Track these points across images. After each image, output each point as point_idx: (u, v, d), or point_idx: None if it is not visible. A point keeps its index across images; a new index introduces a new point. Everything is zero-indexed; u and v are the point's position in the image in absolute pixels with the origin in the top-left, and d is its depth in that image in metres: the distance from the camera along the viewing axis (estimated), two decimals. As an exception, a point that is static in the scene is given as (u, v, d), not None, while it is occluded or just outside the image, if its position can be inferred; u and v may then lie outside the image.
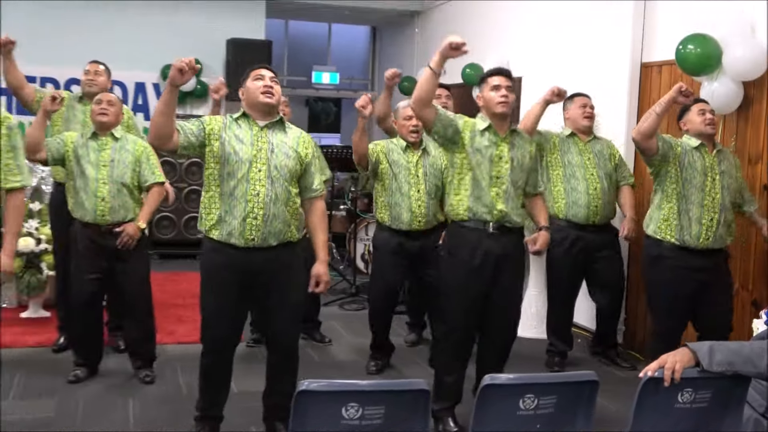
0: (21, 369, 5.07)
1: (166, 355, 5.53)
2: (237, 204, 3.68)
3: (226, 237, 3.72)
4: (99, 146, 4.77)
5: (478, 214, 4.12)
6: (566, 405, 2.55)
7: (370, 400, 2.33)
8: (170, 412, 4.51)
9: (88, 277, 4.81)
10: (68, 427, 4.26)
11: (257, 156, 3.68)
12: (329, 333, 6.14)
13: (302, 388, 2.30)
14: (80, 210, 4.76)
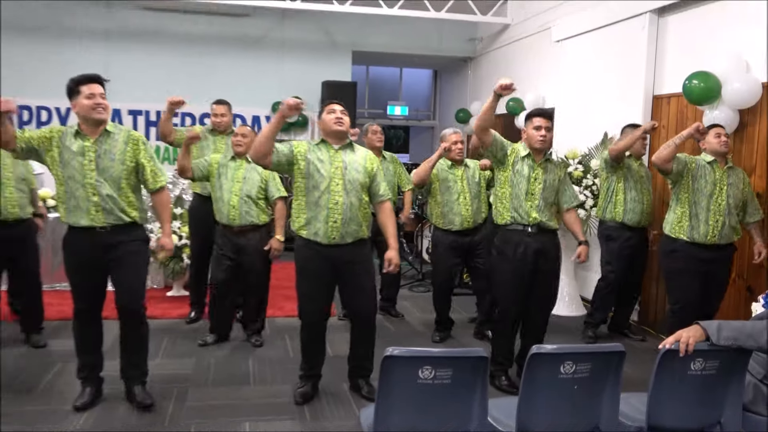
0: (167, 335, 5.17)
1: (277, 325, 5.57)
2: (321, 211, 3.76)
3: (313, 236, 3.80)
4: (235, 167, 4.87)
5: (518, 219, 4.13)
6: (599, 370, 2.49)
7: (441, 363, 2.31)
8: (281, 370, 4.54)
9: (224, 265, 4.89)
10: (203, 380, 4.33)
11: (335, 173, 3.76)
12: (402, 310, 6.11)
13: (387, 354, 2.28)
14: (218, 215, 4.87)
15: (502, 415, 2.55)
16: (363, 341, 4.07)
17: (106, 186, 3.57)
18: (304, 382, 4.06)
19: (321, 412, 3.86)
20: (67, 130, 3.60)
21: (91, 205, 3.56)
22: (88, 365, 3.86)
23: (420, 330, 5.62)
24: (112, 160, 3.59)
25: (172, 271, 6.30)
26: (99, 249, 3.63)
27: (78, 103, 3.53)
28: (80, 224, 3.59)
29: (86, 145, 3.55)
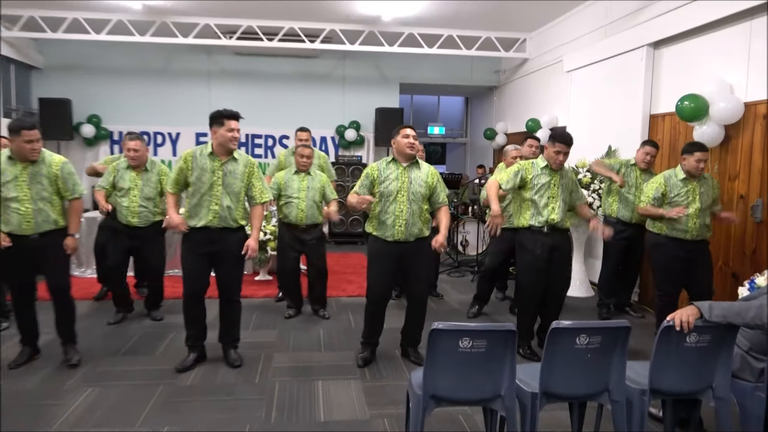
0: (256, 311, 5.22)
1: (341, 303, 5.58)
2: (389, 217, 3.79)
3: (383, 236, 3.83)
4: (300, 179, 4.90)
5: (536, 223, 4.07)
6: (608, 342, 2.42)
7: (478, 335, 2.29)
8: (344, 338, 4.55)
9: (291, 254, 4.93)
10: (284, 346, 4.36)
11: (401, 187, 3.79)
12: (441, 291, 6.05)
13: (433, 327, 2.26)
14: (289, 216, 4.89)
15: (527, 378, 2.50)
16: (416, 317, 4.05)
17: (227, 198, 3.68)
18: (364, 348, 4.06)
19: (378, 374, 3.85)
20: (201, 151, 3.68)
21: (211, 213, 3.67)
22: (193, 336, 3.95)
23: (457, 308, 5.56)
24: (234, 178, 3.70)
25: (259, 261, 6.39)
26: (209, 245, 3.72)
27: (219, 132, 3.61)
28: (199, 225, 3.69)
29: (216, 165, 3.66)
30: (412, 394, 2.49)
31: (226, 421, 3.13)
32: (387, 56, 9.24)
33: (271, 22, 7.99)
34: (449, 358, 2.30)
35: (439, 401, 2.40)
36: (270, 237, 6.23)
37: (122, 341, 4.38)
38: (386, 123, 9.28)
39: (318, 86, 9.74)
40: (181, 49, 8.98)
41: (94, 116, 9.17)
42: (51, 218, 3.71)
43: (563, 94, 7.40)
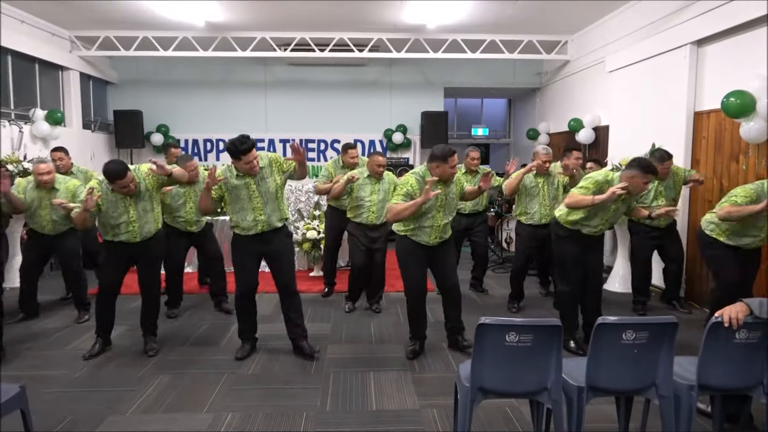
0: (311, 305, 5.28)
1: (391, 298, 5.57)
2: (426, 220, 3.80)
3: (418, 239, 3.85)
4: (371, 182, 4.92)
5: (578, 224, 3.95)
6: (655, 337, 2.32)
7: (524, 330, 2.24)
8: (394, 332, 4.53)
9: (362, 248, 4.96)
10: (338, 339, 4.39)
11: (440, 204, 3.83)
12: (486, 287, 5.95)
13: (481, 322, 2.23)
14: (359, 217, 4.92)
15: (573, 372, 2.42)
16: (453, 305, 4.05)
17: (269, 205, 3.75)
18: (413, 341, 4.05)
19: (426, 366, 3.82)
20: (230, 174, 3.71)
21: (258, 222, 3.75)
22: (245, 330, 4.04)
23: (501, 303, 5.46)
24: (266, 181, 3.75)
25: (313, 258, 6.46)
26: (260, 246, 3.81)
27: (238, 165, 3.64)
28: (249, 234, 3.77)
29: (248, 179, 3.72)
30: (460, 386, 2.46)
31: (285, 408, 3.17)
32: (432, 62, 9.20)
33: (323, 33, 8.07)
34: (496, 351, 2.26)
35: (487, 393, 2.36)
36: (323, 236, 6.29)
37: (189, 332, 4.52)
38: (432, 126, 9.23)
39: (366, 92, 9.77)
40: (240, 62, 9.19)
41: (162, 126, 9.50)
42: (153, 229, 3.92)
43: (605, 94, 7.17)
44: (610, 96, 7.01)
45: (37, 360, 3.93)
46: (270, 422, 3.02)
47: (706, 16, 5.11)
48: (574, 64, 8.30)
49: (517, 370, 2.31)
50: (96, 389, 3.44)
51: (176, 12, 7.07)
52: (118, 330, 4.21)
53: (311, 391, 3.40)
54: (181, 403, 3.25)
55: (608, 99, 7.06)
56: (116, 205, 3.77)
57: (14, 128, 6.84)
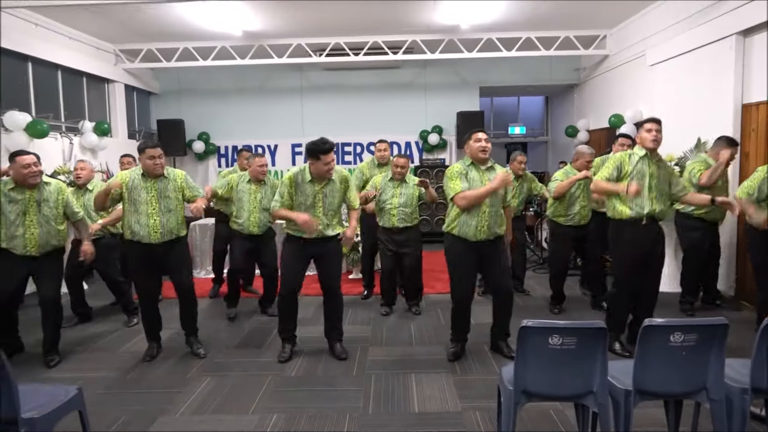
0: (351, 307, 5.32)
1: (430, 300, 5.58)
2: (471, 218, 3.75)
3: (464, 236, 3.78)
4: (393, 185, 4.95)
5: (636, 214, 3.81)
6: (705, 339, 2.26)
7: (568, 333, 2.21)
8: (434, 334, 4.54)
9: (388, 253, 4.99)
10: (378, 342, 4.42)
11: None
12: (527, 288, 5.89)
13: (523, 324, 2.21)
14: (383, 221, 4.98)
15: (619, 375, 2.39)
16: (504, 311, 3.97)
17: (328, 216, 3.85)
18: (454, 343, 4.03)
19: (468, 368, 3.81)
20: (302, 177, 3.81)
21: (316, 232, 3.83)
22: (286, 329, 4.11)
23: (542, 304, 5.40)
24: (333, 197, 3.86)
25: (353, 260, 6.53)
26: (310, 249, 3.89)
27: (317, 165, 3.73)
28: (304, 237, 3.85)
29: (317, 189, 3.82)
30: (503, 389, 2.45)
31: (328, 410, 3.22)
32: (466, 62, 9.15)
33: (357, 37, 8.14)
34: (539, 354, 2.24)
35: (531, 396, 2.35)
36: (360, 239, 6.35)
37: (234, 335, 4.63)
38: (467, 126, 9.14)
39: (401, 94, 9.80)
40: (276, 69, 9.35)
41: (203, 134, 9.75)
42: (174, 230, 3.97)
43: (647, 88, 7.00)
44: (651, 90, 6.83)
45: (91, 362, 4.09)
46: (314, 423, 3.07)
47: (752, 4, 4.93)
48: (613, 58, 8.12)
49: (561, 373, 2.28)
50: (147, 390, 3.56)
51: (215, 22, 7.26)
52: (165, 333, 4.35)
53: (353, 393, 3.44)
54: (228, 404, 3.34)
55: (650, 93, 6.89)
56: (139, 193, 3.86)
57: (65, 140, 7.15)
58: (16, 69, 6.60)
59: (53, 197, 3.94)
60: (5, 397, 2.20)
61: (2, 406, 2.22)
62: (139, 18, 6.96)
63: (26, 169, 3.77)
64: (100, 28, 7.42)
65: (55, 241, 3.95)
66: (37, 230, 3.84)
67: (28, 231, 3.82)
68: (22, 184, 3.82)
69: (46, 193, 3.91)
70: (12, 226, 3.80)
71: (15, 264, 3.87)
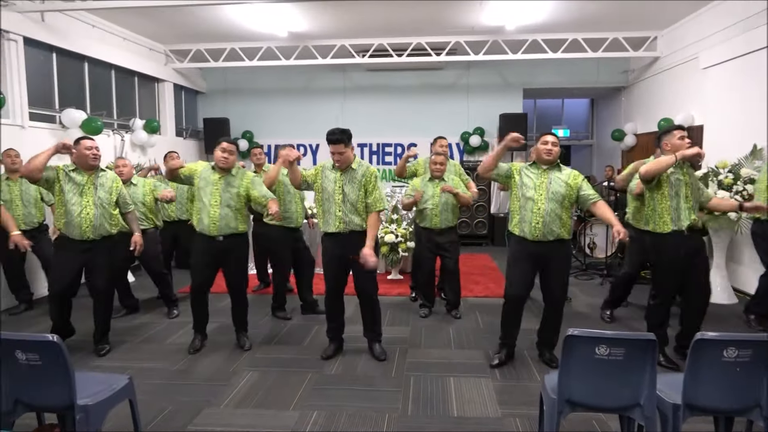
0: (389, 308, 5.34)
1: (469, 303, 5.54)
2: (528, 214, 3.70)
3: (522, 233, 3.76)
4: (433, 185, 4.96)
5: (676, 226, 3.70)
6: (761, 355, 2.17)
7: (615, 343, 2.17)
8: (473, 338, 4.51)
9: (428, 256, 4.98)
10: (417, 344, 4.42)
11: (540, 186, 3.68)
12: (570, 294, 5.74)
13: (569, 333, 2.18)
14: (424, 221, 4.96)
15: (667, 389, 2.32)
16: (553, 319, 3.91)
17: (347, 204, 3.84)
18: (501, 348, 3.98)
19: (508, 373, 3.77)
20: (325, 165, 3.91)
21: (336, 219, 3.85)
22: (333, 328, 4.15)
23: (585, 311, 5.29)
24: (353, 187, 3.85)
25: (392, 261, 6.54)
26: (341, 248, 3.90)
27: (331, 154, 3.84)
28: (330, 231, 3.89)
29: (337, 176, 3.85)
30: (546, 397, 2.43)
31: (368, 410, 3.25)
32: (510, 63, 9.06)
33: (400, 38, 8.16)
34: (585, 364, 2.20)
35: (574, 406, 2.31)
36: (401, 239, 6.36)
37: (275, 331, 4.71)
38: (510, 128, 9.00)
39: (443, 96, 9.77)
40: (320, 69, 9.46)
41: (247, 132, 9.96)
42: (232, 225, 4.08)
43: (699, 92, 6.78)
44: (704, 94, 6.62)
45: (139, 353, 4.24)
46: (353, 422, 3.10)
47: (817, 6, 4.72)
48: (664, 60, 7.90)
49: (607, 384, 2.24)
50: (192, 382, 3.67)
51: (262, 23, 7.40)
52: (210, 326, 4.47)
53: (392, 394, 3.45)
54: (270, 399, 3.41)
55: (702, 97, 6.68)
56: (207, 184, 4.02)
57: (117, 137, 7.42)
58: (73, 69, 6.89)
59: (108, 183, 4.15)
60: (63, 383, 2.31)
61: (60, 392, 2.33)
62: (189, 19, 7.16)
63: (89, 150, 4.00)
64: (153, 29, 7.66)
65: (108, 226, 4.10)
66: (92, 211, 4.01)
67: (84, 211, 3.99)
68: (83, 167, 4.03)
69: (102, 178, 4.12)
70: (69, 206, 3.98)
71: (72, 255, 4.05)
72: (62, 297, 4.15)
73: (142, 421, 2.81)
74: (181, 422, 3.11)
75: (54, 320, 4.22)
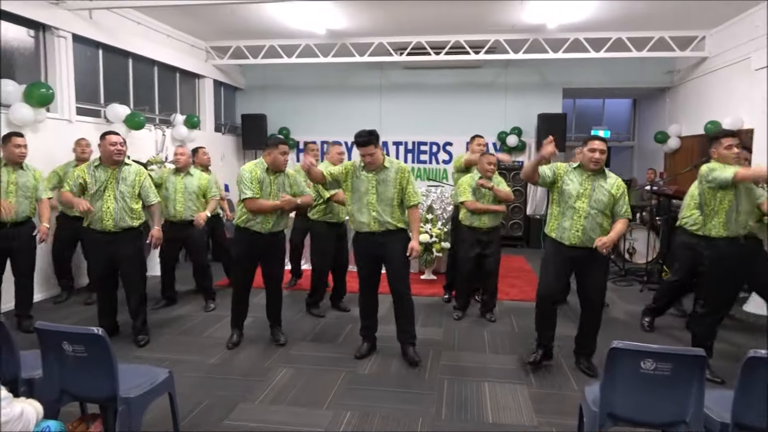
0: (423, 309, 5.31)
1: (504, 306, 5.47)
2: (568, 219, 3.63)
3: (559, 238, 3.69)
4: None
5: (733, 233, 3.56)
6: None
7: (662, 358, 2.10)
8: (508, 342, 4.45)
9: (470, 255, 4.93)
10: (451, 346, 4.38)
11: (582, 193, 3.61)
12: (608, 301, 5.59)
13: (613, 346, 2.13)
14: (473, 221, 4.89)
15: (716, 406, 2.24)
16: (591, 325, 3.82)
17: (382, 204, 3.83)
18: (537, 349, 3.91)
19: (544, 380, 3.71)
20: (356, 165, 3.89)
21: (371, 219, 3.85)
22: (366, 326, 4.15)
23: (624, 319, 5.16)
24: (386, 186, 3.82)
25: (425, 261, 6.51)
26: (375, 246, 3.90)
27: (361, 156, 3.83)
28: (363, 230, 3.89)
29: (369, 177, 3.84)
30: (587, 409, 2.37)
31: (401, 412, 3.23)
32: (550, 62, 8.89)
33: (439, 37, 8.09)
34: (629, 378, 2.14)
35: (616, 420, 2.25)
36: (436, 239, 6.32)
37: (308, 328, 4.75)
38: (548, 128, 8.88)
39: (480, 94, 9.66)
40: (357, 67, 9.46)
41: (284, 128, 10.05)
42: (283, 221, 4.19)
43: (750, 94, 6.52)
44: (755, 96, 6.36)
45: (177, 345, 4.33)
46: (387, 424, 3.09)
47: None
48: (712, 61, 7.62)
49: (652, 399, 2.17)
50: (228, 377, 3.72)
51: (301, 21, 7.45)
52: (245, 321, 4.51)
53: (426, 397, 3.43)
54: (304, 396, 3.43)
55: (754, 100, 6.41)
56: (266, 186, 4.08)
57: (158, 132, 7.58)
58: (118, 65, 7.07)
59: (131, 177, 4.19)
60: (107, 375, 2.36)
61: (103, 384, 2.39)
62: (230, 17, 7.26)
63: (113, 146, 4.07)
64: (194, 26, 7.80)
65: (129, 219, 4.15)
66: (112, 204, 4.08)
67: (105, 205, 4.08)
68: (107, 161, 4.12)
69: (125, 172, 4.17)
70: (92, 200, 4.08)
71: (98, 246, 4.17)
72: (104, 293, 4.28)
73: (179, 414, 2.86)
74: (217, 416, 3.16)
75: (99, 309, 4.34)
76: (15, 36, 5.55)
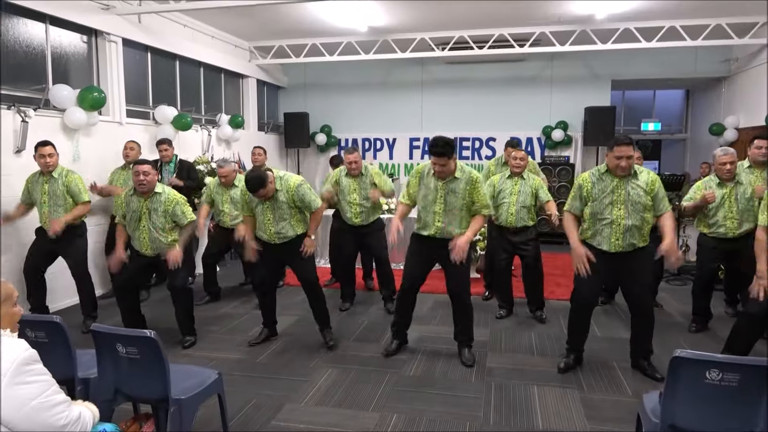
0: (468, 308, 5.24)
1: (550, 306, 5.30)
2: (605, 227, 3.52)
3: (597, 245, 3.58)
4: (513, 183, 4.81)
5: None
6: None
7: (729, 368, 1.99)
8: (557, 344, 4.31)
9: (502, 256, 4.85)
10: (497, 348, 4.28)
11: (617, 200, 3.48)
12: (660, 301, 5.42)
13: (675, 355, 2.02)
14: (500, 218, 4.80)
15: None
16: (644, 327, 3.68)
17: (449, 214, 3.78)
18: (569, 354, 3.85)
19: (595, 385, 3.58)
20: (428, 171, 3.82)
21: (435, 228, 3.82)
22: (399, 323, 4.14)
23: (678, 320, 4.95)
24: (456, 197, 3.76)
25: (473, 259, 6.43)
26: (433, 249, 3.86)
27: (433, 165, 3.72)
28: (423, 234, 3.87)
29: (440, 185, 3.78)
30: (645, 419, 2.26)
31: (448, 416, 3.18)
32: (598, 54, 8.60)
33: (482, 30, 7.95)
34: (693, 388, 2.03)
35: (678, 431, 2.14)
36: (479, 238, 6.22)
37: (352, 328, 4.75)
38: (596, 122, 8.64)
39: (525, 88, 9.45)
40: (399, 63, 9.41)
41: (326, 126, 10.10)
42: (290, 234, 4.09)
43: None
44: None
45: (223, 343, 4.40)
46: (434, 427, 3.05)
47: None
48: (774, 48, 7.22)
49: (717, 411, 2.06)
50: (275, 376, 3.75)
51: (342, 19, 7.45)
52: (289, 320, 4.56)
53: (473, 401, 3.37)
54: (349, 398, 3.42)
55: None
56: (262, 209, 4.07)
57: (204, 132, 7.73)
58: (166, 67, 7.24)
59: (162, 208, 4.12)
60: (159, 377, 2.41)
61: (156, 385, 2.43)
62: (273, 16, 7.32)
63: (136, 176, 4.05)
64: (238, 26, 7.91)
65: (165, 245, 4.16)
66: (147, 235, 4.13)
67: (141, 234, 4.15)
68: (137, 191, 4.13)
69: (156, 202, 4.13)
70: (129, 229, 4.19)
71: (140, 257, 4.24)
72: (123, 290, 4.27)
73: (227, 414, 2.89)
74: (265, 417, 3.18)
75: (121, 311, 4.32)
76: (69, 42, 5.74)
